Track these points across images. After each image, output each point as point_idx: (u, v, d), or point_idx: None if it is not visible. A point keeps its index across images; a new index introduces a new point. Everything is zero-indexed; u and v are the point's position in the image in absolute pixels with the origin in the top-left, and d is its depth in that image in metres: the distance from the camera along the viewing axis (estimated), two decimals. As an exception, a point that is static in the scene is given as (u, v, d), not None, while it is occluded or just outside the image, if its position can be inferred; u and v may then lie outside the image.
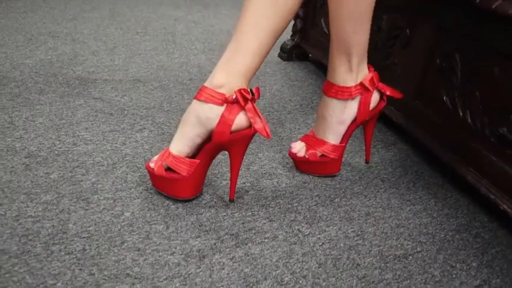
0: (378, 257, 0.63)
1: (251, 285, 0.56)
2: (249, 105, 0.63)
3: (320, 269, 0.60)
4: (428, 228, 0.70)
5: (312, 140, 0.79)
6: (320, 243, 0.64)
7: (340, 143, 0.78)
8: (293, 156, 0.80)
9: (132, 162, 0.78)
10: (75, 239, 0.60)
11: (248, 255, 0.61)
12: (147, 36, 1.46)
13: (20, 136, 0.82)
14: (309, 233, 0.66)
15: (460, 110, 0.76)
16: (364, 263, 0.62)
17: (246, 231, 0.65)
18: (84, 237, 0.61)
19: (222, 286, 0.56)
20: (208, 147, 0.65)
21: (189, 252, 0.60)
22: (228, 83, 0.63)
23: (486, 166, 0.70)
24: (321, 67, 1.29)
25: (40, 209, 0.65)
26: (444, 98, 0.79)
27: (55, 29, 1.42)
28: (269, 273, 0.58)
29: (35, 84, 1.03)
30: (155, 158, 0.70)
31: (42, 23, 1.46)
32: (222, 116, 0.63)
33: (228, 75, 0.63)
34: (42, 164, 0.75)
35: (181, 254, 0.60)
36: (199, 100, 0.64)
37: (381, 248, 0.65)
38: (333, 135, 0.77)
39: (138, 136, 0.87)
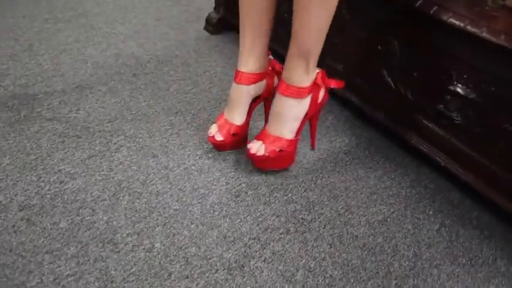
0: (367, 226, 0.80)
1: (289, 279, 0.69)
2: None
3: (332, 249, 0.75)
4: (392, 189, 0.89)
5: (268, 138, 0.85)
6: (323, 226, 0.79)
7: (295, 137, 0.86)
8: (252, 156, 0.85)
9: (130, 189, 0.81)
10: (126, 285, 0.66)
11: (275, 254, 0.73)
12: (60, 23, 1.32)
13: (-1, 187, 0.78)
14: (311, 219, 0.80)
15: (401, 89, 0.92)
16: (360, 233, 0.79)
17: (263, 231, 0.77)
18: (133, 281, 0.66)
19: (270, 287, 0.68)
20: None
21: (229, 265, 0.70)
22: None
23: (426, 132, 0.89)
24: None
25: (73, 265, 0.67)
26: (387, 78, 0.94)
27: None
28: (297, 264, 0.72)
29: (-30, 114, 0.93)
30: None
31: None
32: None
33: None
34: (42, 214, 0.74)
35: (224, 269, 0.69)
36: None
37: (366, 217, 0.82)
38: (289, 131, 0.85)
39: (119, 157, 0.88)
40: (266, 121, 0.94)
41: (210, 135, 0.89)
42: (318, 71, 0.83)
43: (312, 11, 0.72)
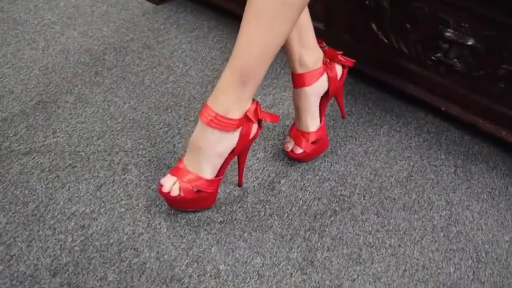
0: (398, 185, 0.84)
1: (357, 260, 0.72)
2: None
3: (379, 218, 0.78)
4: (402, 142, 0.92)
5: (184, 174, 0.70)
6: (362, 197, 0.81)
7: (216, 176, 0.71)
8: (166, 195, 0.70)
9: (162, 212, 0.74)
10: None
11: (334, 239, 0.74)
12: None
13: (10, 253, 0.66)
14: (349, 194, 0.81)
15: (394, 42, 0.92)
16: (396, 195, 0.82)
17: (313, 219, 0.76)
18: (218, 311, 0.63)
19: (345, 274, 0.69)
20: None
21: (299, 265, 0.70)
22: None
23: (424, 81, 0.92)
24: (200, 2, 1.21)
25: (149, 315, 0.62)
26: (377, 32, 0.93)
27: None
28: (358, 243, 0.74)
29: None
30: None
31: None
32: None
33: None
34: (81, 272, 0.66)
35: (296, 270, 0.69)
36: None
37: (394, 176, 0.85)
38: (210, 169, 0.70)
39: (131, 178, 0.78)
40: (343, 115, 0.91)
41: (288, 150, 0.82)
42: (251, 101, 0.68)
43: (259, 28, 0.60)
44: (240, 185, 0.79)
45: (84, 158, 0.81)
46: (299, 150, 0.82)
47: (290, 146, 0.83)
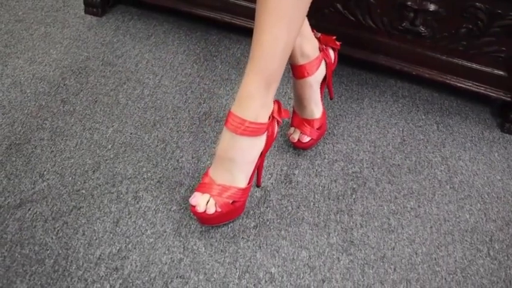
0: (397, 152, 0.89)
1: (389, 228, 0.75)
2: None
3: (393, 186, 0.82)
4: (386, 111, 0.97)
5: (214, 188, 0.68)
6: (372, 170, 0.84)
7: (248, 183, 0.70)
8: (201, 215, 0.67)
9: (192, 232, 0.70)
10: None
11: (363, 215, 0.77)
12: None
13: None
14: (360, 170, 0.84)
15: (360, 17, 0.95)
16: (399, 161, 0.87)
17: (338, 201, 0.78)
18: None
19: (384, 245, 0.72)
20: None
21: (343, 247, 0.71)
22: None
23: (393, 50, 0.98)
24: (146, 6, 1.13)
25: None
26: (343, 11, 0.96)
27: None
28: (383, 213, 0.77)
29: None
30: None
31: None
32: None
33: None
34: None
35: (342, 253, 0.71)
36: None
37: (391, 144, 0.90)
38: (242, 178, 0.69)
39: (148, 205, 0.73)
40: (331, 96, 0.88)
41: (294, 140, 0.82)
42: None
43: (283, 29, 0.61)
44: (259, 185, 0.78)
45: (87, 195, 0.73)
46: (307, 139, 0.82)
47: (296, 136, 0.83)
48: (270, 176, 0.81)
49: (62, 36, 1.03)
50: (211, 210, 0.67)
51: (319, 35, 0.81)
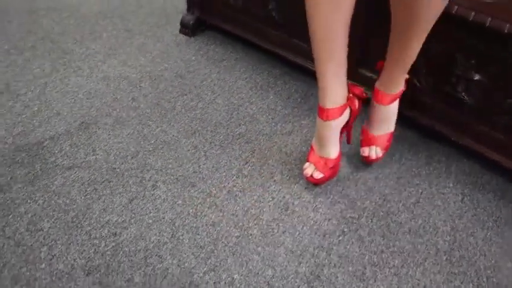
0: (405, 211, 0.89)
1: (361, 277, 0.77)
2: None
3: (385, 240, 0.83)
4: (412, 170, 0.98)
5: (378, 139, 0.95)
6: (370, 220, 0.86)
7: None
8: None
9: (185, 225, 0.82)
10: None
11: (341, 257, 0.80)
12: (26, 52, 1.21)
13: (52, 253, 0.76)
14: (358, 216, 0.87)
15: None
16: (402, 219, 0.87)
17: (322, 238, 0.83)
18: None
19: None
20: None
21: (307, 279, 0.76)
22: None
23: (436, 112, 0.98)
24: (229, 35, 1.32)
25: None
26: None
27: None
28: (363, 261, 0.79)
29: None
30: (310, 169, 0.89)
31: None
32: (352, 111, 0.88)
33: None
34: (111, 273, 0.74)
35: (304, 283, 0.75)
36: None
37: (402, 202, 0.91)
38: (393, 125, 0.96)
39: (160, 194, 0.87)
40: (349, 141, 0.97)
41: (308, 175, 0.90)
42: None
43: (422, 40, 0.79)
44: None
45: (119, 174, 0.91)
46: (320, 175, 0.89)
47: (310, 171, 0.90)
48: (271, 199, 0.89)
49: (154, 47, 1.26)
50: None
51: (348, 82, 0.87)
